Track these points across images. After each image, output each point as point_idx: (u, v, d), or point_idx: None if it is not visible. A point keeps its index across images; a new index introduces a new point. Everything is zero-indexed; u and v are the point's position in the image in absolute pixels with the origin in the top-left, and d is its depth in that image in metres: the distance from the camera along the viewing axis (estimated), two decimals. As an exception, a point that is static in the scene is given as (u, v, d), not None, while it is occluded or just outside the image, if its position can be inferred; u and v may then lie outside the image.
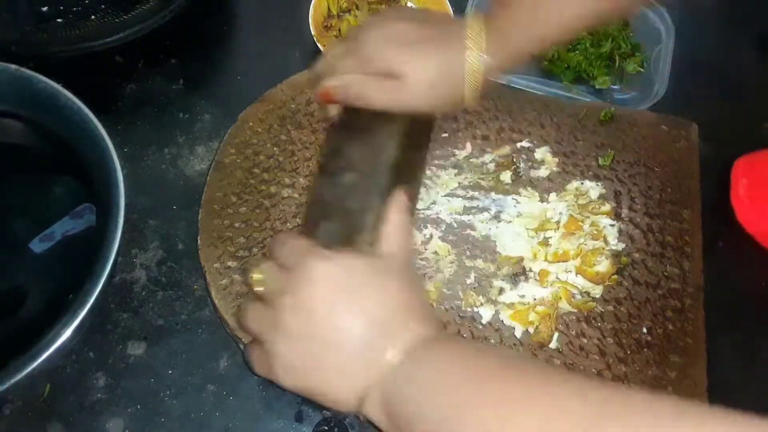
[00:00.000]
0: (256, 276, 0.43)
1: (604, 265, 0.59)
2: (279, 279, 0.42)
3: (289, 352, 0.40)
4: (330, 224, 0.46)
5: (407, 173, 0.52)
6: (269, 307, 0.42)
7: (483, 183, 0.66)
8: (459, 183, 0.66)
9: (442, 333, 0.41)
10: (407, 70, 0.49)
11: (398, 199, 0.47)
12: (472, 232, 0.64)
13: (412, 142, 0.52)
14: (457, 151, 0.67)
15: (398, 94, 0.49)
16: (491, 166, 0.67)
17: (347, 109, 0.53)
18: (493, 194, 0.65)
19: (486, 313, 0.60)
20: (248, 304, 0.44)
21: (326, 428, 0.59)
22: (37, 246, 0.59)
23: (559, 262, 0.63)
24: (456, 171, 0.66)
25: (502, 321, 0.60)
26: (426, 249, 0.62)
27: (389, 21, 0.52)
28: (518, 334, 0.60)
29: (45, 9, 0.70)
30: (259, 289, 0.43)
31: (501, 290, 0.61)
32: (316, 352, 0.40)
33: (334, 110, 0.55)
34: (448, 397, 0.37)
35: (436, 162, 0.66)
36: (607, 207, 0.63)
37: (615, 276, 0.60)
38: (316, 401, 0.41)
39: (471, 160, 0.67)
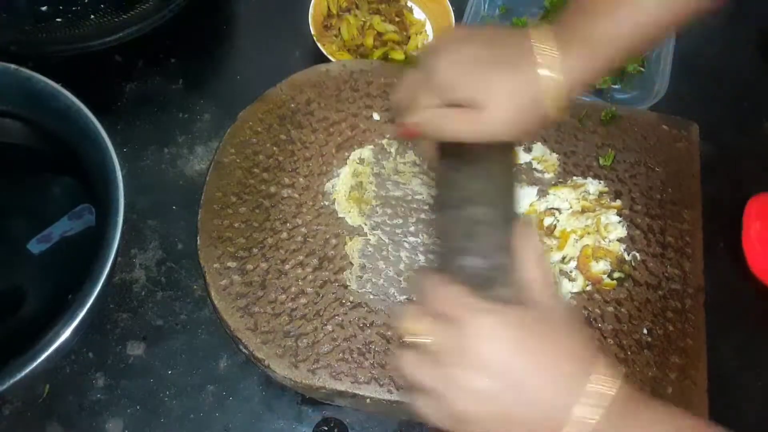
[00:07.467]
0: (413, 327, 0.41)
1: (602, 265, 0.59)
2: (444, 334, 0.41)
3: (476, 409, 0.40)
4: (466, 261, 0.45)
5: (515, 198, 0.50)
6: (438, 363, 0.41)
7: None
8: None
9: (622, 383, 0.40)
10: (485, 98, 0.46)
11: (526, 233, 0.45)
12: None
13: (512, 163, 0.51)
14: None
15: (481, 125, 0.46)
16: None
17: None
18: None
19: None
20: (405, 354, 0.42)
21: (326, 428, 0.59)
22: (35, 247, 0.59)
23: (567, 261, 0.62)
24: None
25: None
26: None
27: (457, 44, 0.48)
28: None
29: (44, 9, 0.70)
30: (423, 341, 0.41)
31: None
32: (504, 409, 0.40)
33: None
34: None
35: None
36: (617, 204, 0.63)
37: (613, 281, 0.60)
38: None
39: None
